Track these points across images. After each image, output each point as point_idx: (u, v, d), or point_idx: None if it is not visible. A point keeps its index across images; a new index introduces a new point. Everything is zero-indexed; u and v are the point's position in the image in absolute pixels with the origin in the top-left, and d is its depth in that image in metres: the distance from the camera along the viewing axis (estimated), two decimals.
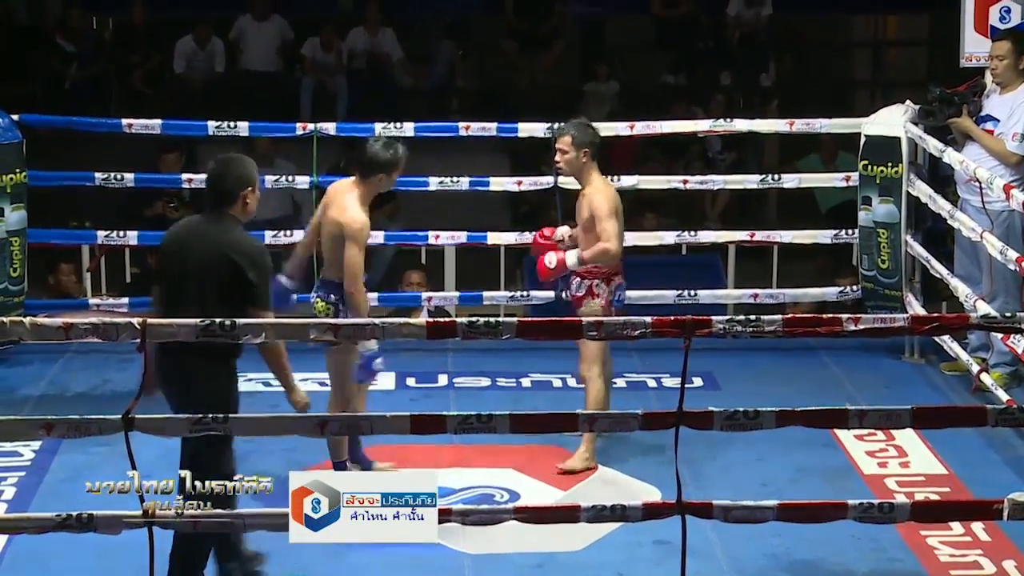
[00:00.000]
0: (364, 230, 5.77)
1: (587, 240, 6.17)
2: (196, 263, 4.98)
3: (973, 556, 5.44)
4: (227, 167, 5.09)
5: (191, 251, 5.01)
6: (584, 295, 6.21)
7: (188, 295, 4.96)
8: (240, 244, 4.98)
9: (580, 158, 6.16)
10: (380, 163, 5.84)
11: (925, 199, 7.29)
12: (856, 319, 4.47)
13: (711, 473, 6.01)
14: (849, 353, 7.52)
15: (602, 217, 6.09)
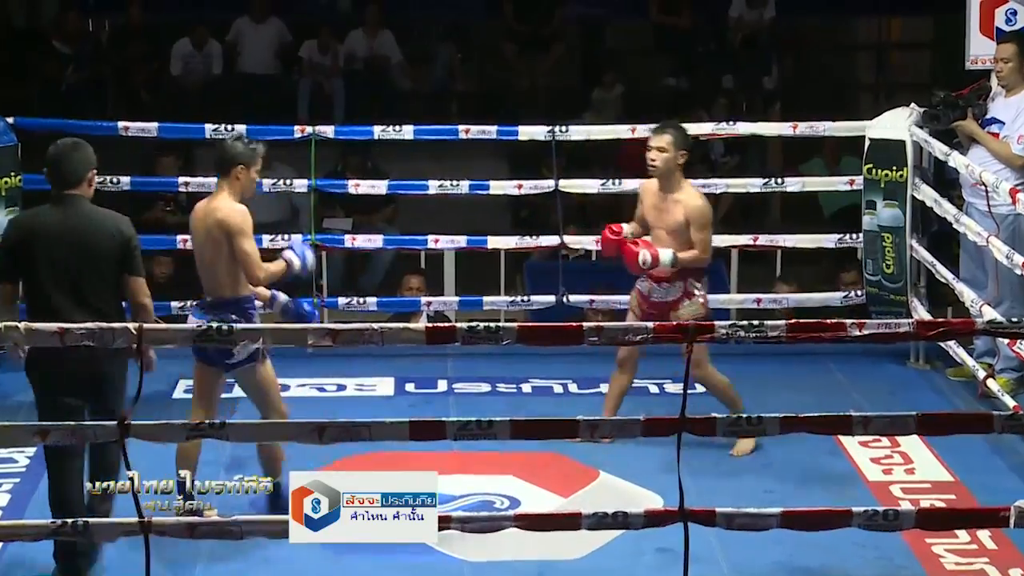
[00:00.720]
0: (247, 218, 5.49)
1: (674, 243, 6.27)
2: (74, 247, 5.19)
3: (979, 564, 5.43)
4: (71, 151, 5.30)
5: (68, 237, 5.21)
6: (680, 297, 6.32)
7: (73, 277, 5.18)
8: (113, 217, 5.30)
9: (677, 160, 6.26)
10: (234, 156, 5.52)
11: (930, 203, 7.28)
12: (861, 324, 4.46)
13: (714, 480, 6.00)
14: (854, 359, 7.51)
15: (703, 226, 6.26)
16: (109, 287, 5.22)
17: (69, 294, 5.19)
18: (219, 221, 5.51)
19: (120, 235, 5.24)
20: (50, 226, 5.24)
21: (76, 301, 5.18)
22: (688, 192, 6.32)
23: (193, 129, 7.92)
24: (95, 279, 5.21)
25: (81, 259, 5.21)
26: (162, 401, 6.88)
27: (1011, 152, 6.97)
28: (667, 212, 6.31)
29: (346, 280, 9.87)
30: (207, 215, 5.55)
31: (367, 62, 11.79)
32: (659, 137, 6.30)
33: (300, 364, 7.33)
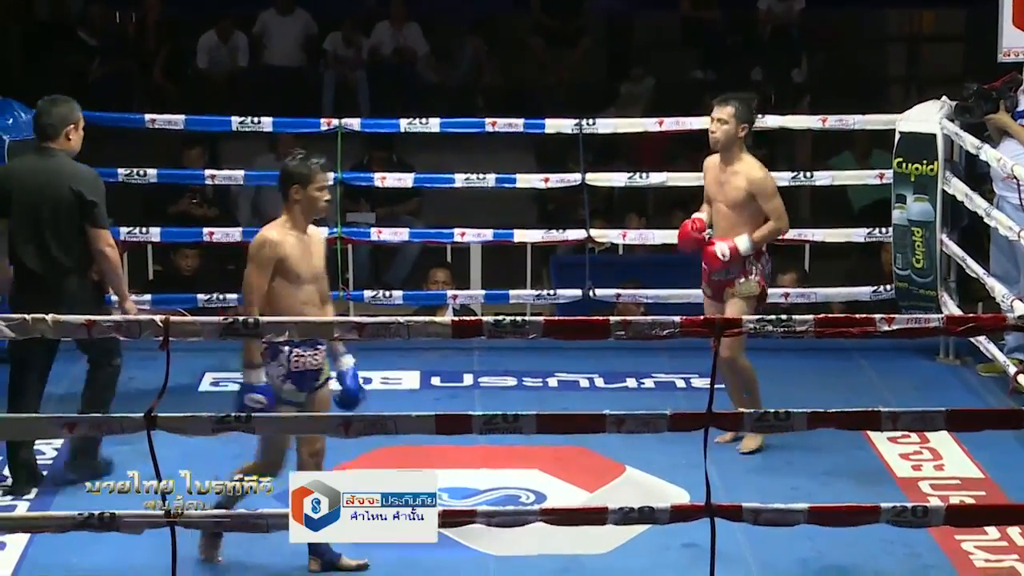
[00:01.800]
0: (263, 248, 5.18)
1: (739, 218, 6.23)
2: (37, 197, 5.79)
3: (1009, 561, 5.41)
4: (51, 106, 5.84)
5: (30, 187, 5.81)
6: (738, 275, 6.26)
7: (34, 226, 5.78)
8: (73, 172, 5.79)
9: (738, 132, 6.21)
10: (288, 175, 5.23)
11: (961, 197, 7.26)
12: (890, 319, 4.46)
13: (740, 475, 6.00)
14: (882, 354, 7.50)
15: (770, 195, 6.22)
16: (68, 237, 5.75)
17: (31, 239, 5.79)
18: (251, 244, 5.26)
19: (74, 188, 5.72)
20: (24, 174, 5.86)
21: (37, 246, 5.79)
22: (748, 163, 6.26)
23: (220, 121, 7.95)
24: (54, 228, 5.76)
25: (42, 208, 5.78)
26: (188, 394, 6.92)
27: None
28: (728, 185, 6.26)
29: (372, 273, 9.90)
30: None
31: (393, 55, 11.81)
32: (721, 108, 6.24)
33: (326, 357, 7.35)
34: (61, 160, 5.82)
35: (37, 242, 5.79)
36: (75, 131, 5.87)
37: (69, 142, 5.86)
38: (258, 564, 5.29)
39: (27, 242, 5.81)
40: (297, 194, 5.21)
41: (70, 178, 5.79)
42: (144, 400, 4.53)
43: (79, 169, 5.85)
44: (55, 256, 5.78)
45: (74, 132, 5.86)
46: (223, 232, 7.99)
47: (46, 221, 5.79)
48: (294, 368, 5.13)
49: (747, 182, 6.21)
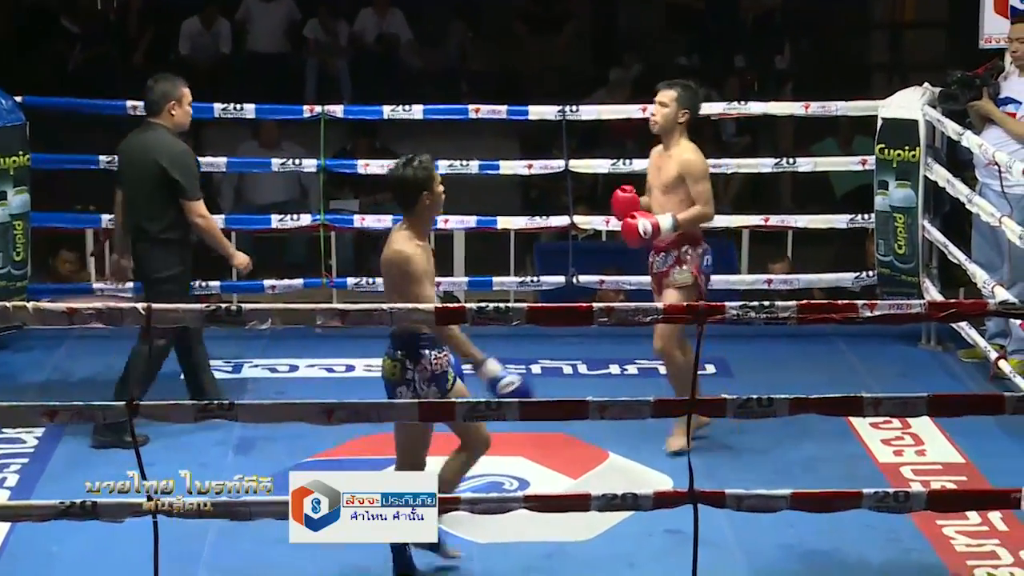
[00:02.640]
0: (417, 260, 5.04)
1: (669, 201, 6.12)
2: (133, 169, 6.32)
3: (990, 546, 5.43)
4: (156, 83, 6.34)
5: (130, 159, 6.36)
6: (672, 264, 6.16)
7: (134, 195, 6.32)
8: (162, 147, 6.22)
9: (678, 117, 6.11)
10: (417, 182, 5.11)
11: (943, 183, 7.27)
12: (872, 305, 4.46)
13: (724, 461, 6.01)
14: (864, 340, 7.51)
15: (698, 178, 6.09)
16: (157, 210, 6.23)
17: (131, 209, 6.35)
18: (388, 258, 5.09)
19: (161, 163, 6.17)
20: (129, 147, 6.40)
21: (135, 216, 6.33)
22: (683, 146, 6.13)
23: (202, 108, 7.90)
24: (145, 198, 6.26)
25: (136, 180, 6.31)
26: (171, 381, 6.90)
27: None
28: (663, 169, 6.18)
29: (356, 261, 9.89)
30: (387, 249, 5.12)
31: (377, 41, 11.77)
32: (664, 92, 6.16)
33: (310, 345, 7.36)
34: (158, 135, 6.26)
35: (132, 209, 6.34)
36: (178, 107, 6.29)
37: (172, 117, 6.29)
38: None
39: (130, 211, 6.37)
40: (428, 199, 5.10)
41: (159, 152, 6.20)
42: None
43: (169, 144, 6.24)
44: (145, 226, 6.28)
45: (177, 108, 6.29)
46: None
47: (140, 192, 6.28)
48: (436, 371, 5.07)
49: (678, 164, 6.11)
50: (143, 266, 6.38)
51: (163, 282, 6.28)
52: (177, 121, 6.32)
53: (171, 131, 6.31)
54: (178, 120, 6.32)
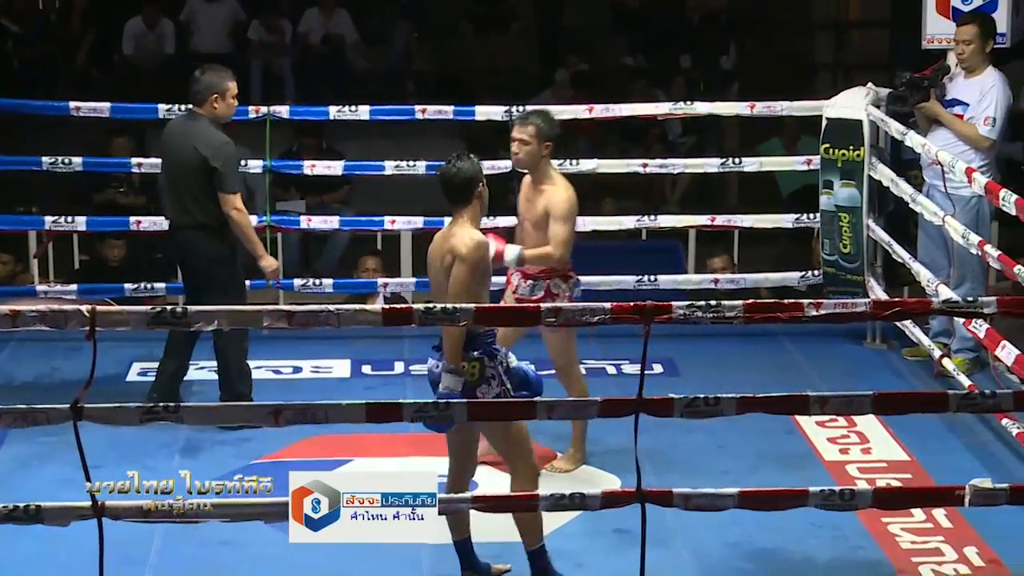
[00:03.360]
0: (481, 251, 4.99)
1: (536, 237, 5.95)
2: (175, 156, 6.46)
3: (935, 543, 5.48)
4: (203, 74, 6.46)
5: (172, 146, 6.50)
6: (543, 296, 5.94)
7: (174, 183, 6.46)
8: (203, 136, 6.35)
9: (542, 151, 5.94)
10: (472, 177, 5.08)
11: (887, 183, 7.33)
12: (817, 304, 4.49)
13: (671, 461, 6.03)
14: (810, 339, 7.57)
15: (558, 219, 5.88)
16: (200, 197, 6.37)
17: (171, 194, 6.49)
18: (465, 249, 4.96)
19: (199, 153, 6.32)
20: (171, 135, 6.56)
21: (174, 200, 6.47)
22: (557, 184, 5.93)
23: (146, 109, 7.87)
24: (186, 185, 6.40)
25: (177, 168, 6.46)
26: (116, 384, 6.87)
27: (978, 134, 7.00)
28: (533, 203, 5.97)
29: (302, 262, 9.86)
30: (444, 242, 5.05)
31: (323, 42, 11.75)
32: (522, 129, 5.90)
33: (257, 346, 7.30)
34: (200, 125, 6.40)
35: (174, 196, 6.46)
36: (220, 100, 6.41)
37: (215, 109, 6.41)
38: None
39: (169, 196, 6.52)
40: (482, 190, 5.11)
41: (199, 142, 6.33)
42: (70, 391, 4.48)
43: (211, 135, 6.37)
44: (188, 211, 6.41)
45: (219, 100, 6.41)
46: (150, 221, 7.91)
47: (180, 179, 6.41)
48: (509, 363, 5.04)
49: (547, 201, 5.90)
50: (186, 253, 6.52)
51: (214, 266, 6.42)
52: (219, 113, 6.43)
53: (213, 122, 6.42)
54: (220, 112, 6.44)
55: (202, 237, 6.43)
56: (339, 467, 6.05)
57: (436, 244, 5.10)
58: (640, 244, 9.16)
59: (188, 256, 6.53)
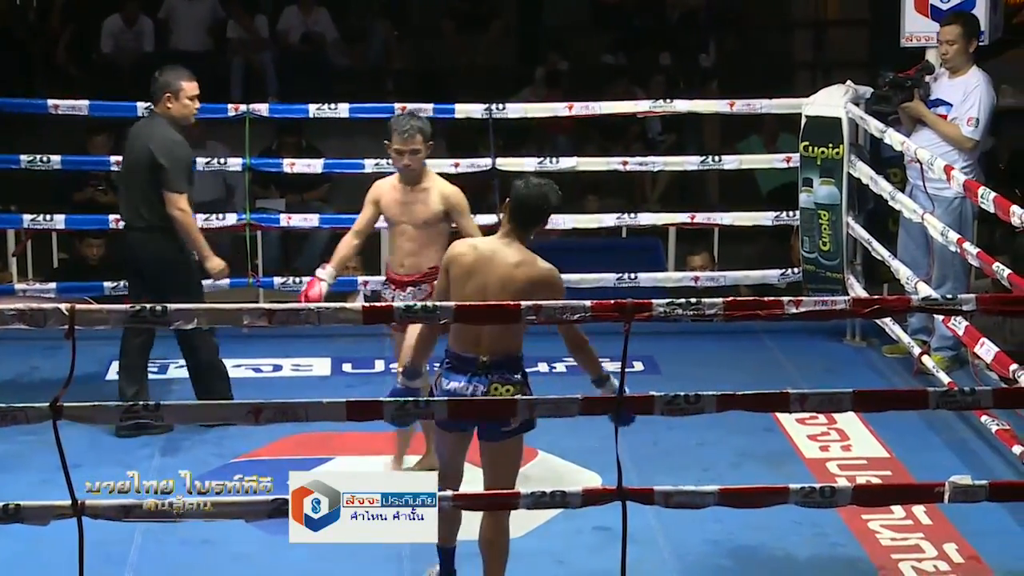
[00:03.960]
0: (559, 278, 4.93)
1: (422, 237, 5.87)
2: (130, 156, 6.44)
3: (915, 540, 5.50)
4: (160, 74, 6.46)
5: (130, 146, 6.48)
6: (427, 296, 5.78)
7: (127, 183, 6.48)
8: (156, 136, 6.33)
9: (426, 153, 5.92)
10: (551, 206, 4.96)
11: (866, 180, 7.34)
12: (797, 302, 4.49)
13: (652, 458, 6.03)
14: (791, 336, 7.58)
15: (465, 213, 5.88)
16: (150, 198, 6.32)
17: (126, 197, 6.49)
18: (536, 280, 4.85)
19: (150, 152, 6.29)
20: (132, 134, 6.53)
21: (129, 204, 6.44)
22: (435, 179, 5.93)
23: (125, 107, 7.84)
24: (138, 188, 6.37)
25: (130, 168, 6.45)
26: (95, 383, 6.84)
27: (961, 134, 7.01)
28: (417, 204, 5.88)
29: (282, 260, 9.83)
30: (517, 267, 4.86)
31: (302, 40, 11.72)
32: (410, 140, 5.81)
33: (237, 344, 7.30)
34: (156, 124, 6.41)
35: (127, 197, 6.48)
36: (174, 99, 6.38)
37: (168, 109, 6.39)
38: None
39: (122, 197, 6.57)
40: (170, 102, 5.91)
41: (152, 141, 6.32)
42: (49, 389, 4.46)
43: (164, 134, 6.34)
44: (139, 212, 6.38)
45: (173, 100, 6.38)
46: None
47: (133, 179, 6.42)
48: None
49: (442, 198, 5.86)
50: (137, 254, 6.45)
51: (165, 268, 6.35)
52: (174, 113, 6.40)
53: (172, 123, 6.39)
54: (175, 112, 6.40)
55: (152, 239, 6.38)
56: (319, 466, 6.04)
57: (502, 269, 4.84)
58: (620, 242, 9.17)
59: (138, 258, 6.47)
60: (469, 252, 4.91)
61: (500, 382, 4.84)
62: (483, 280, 4.84)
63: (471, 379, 4.84)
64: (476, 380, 4.84)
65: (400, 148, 5.85)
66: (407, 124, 5.87)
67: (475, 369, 4.84)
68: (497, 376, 4.84)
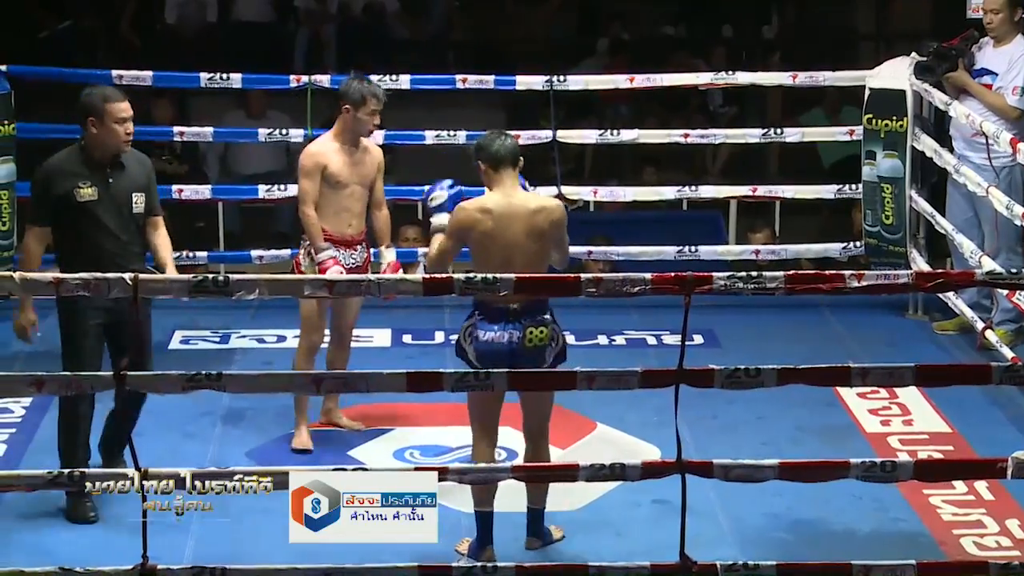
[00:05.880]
0: None
1: (367, 196, 6.13)
2: None
3: (976, 515, 5.46)
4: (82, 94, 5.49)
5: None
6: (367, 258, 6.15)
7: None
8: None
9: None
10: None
11: (930, 153, 7.27)
12: (859, 275, 4.46)
13: (711, 432, 6.02)
14: (852, 310, 7.53)
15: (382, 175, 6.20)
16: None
17: None
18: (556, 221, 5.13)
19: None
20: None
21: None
22: (372, 144, 6.23)
23: (188, 78, 7.88)
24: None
25: None
26: (158, 352, 6.88)
27: (1006, 103, 6.96)
28: (362, 164, 6.09)
29: None
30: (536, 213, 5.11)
31: (364, 11, 11.73)
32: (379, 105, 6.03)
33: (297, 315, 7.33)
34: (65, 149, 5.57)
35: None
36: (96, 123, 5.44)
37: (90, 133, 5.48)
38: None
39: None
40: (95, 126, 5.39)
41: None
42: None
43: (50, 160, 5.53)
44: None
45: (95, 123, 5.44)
46: (192, 190, 7.95)
47: None
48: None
49: (377, 158, 6.15)
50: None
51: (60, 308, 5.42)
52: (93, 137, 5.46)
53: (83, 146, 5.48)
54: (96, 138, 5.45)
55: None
56: (381, 436, 6.07)
57: (524, 221, 5.07)
58: (681, 214, 9.14)
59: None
60: (484, 216, 5.10)
61: (533, 325, 5.06)
62: (510, 237, 5.07)
63: (504, 326, 5.05)
64: (510, 328, 5.05)
65: (376, 110, 6.02)
66: (380, 89, 6.07)
67: (507, 316, 5.05)
68: (528, 320, 5.05)
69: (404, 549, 4.56)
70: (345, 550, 4.52)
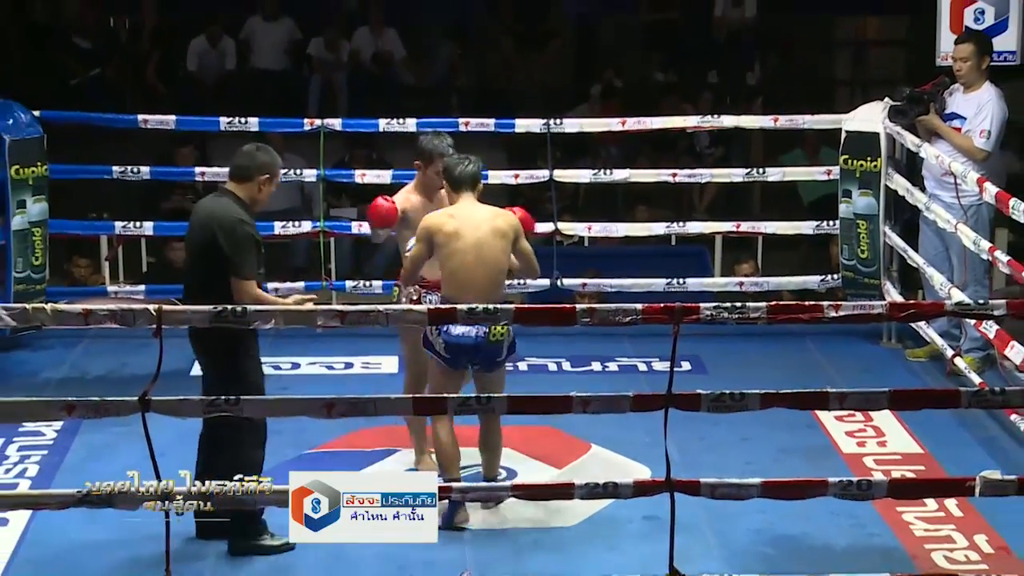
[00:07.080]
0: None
1: None
2: (191, 233, 5.29)
3: (947, 531, 5.47)
4: (255, 151, 5.26)
5: (192, 222, 5.31)
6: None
7: (188, 262, 5.39)
8: (219, 214, 5.14)
9: None
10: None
11: (903, 192, 7.31)
12: (837, 306, 4.48)
13: (698, 453, 6.02)
14: (830, 338, 7.54)
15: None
16: (200, 278, 5.17)
17: (187, 274, 5.36)
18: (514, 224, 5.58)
19: (207, 232, 5.13)
20: (195, 209, 5.36)
21: (186, 282, 5.31)
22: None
23: (208, 122, 7.93)
24: (192, 267, 5.29)
25: (189, 246, 5.35)
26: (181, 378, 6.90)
27: (973, 146, 6.99)
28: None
29: (354, 264, 9.90)
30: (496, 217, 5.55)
31: (373, 59, 11.79)
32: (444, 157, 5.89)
33: (311, 343, 7.37)
34: (222, 201, 5.21)
35: (187, 278, 5.35)
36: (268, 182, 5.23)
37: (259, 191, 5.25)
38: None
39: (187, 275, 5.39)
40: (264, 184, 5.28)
41: (211, 218, 5.17)
42: (138, 384, 4.52)
43: (225, 210, 5.15)
44: (193, 294, 5.17)
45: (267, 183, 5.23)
46: None
47: (190, 260, 5.34)
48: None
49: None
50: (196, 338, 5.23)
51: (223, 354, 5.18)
52: (260, 198, 5.26)
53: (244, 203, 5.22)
54: (262, 197, 5.26)
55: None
56: (387, 457, 6.08)
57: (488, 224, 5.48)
58: (669, 249, 9.17)
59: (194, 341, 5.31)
60: (448, 220, 5.46)
61: (497, 324, 5.30)
62: (474, 236, 5.41)
63: (475, 324, 5.28)
64: (479, 325, 5.30)
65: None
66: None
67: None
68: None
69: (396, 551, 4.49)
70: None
